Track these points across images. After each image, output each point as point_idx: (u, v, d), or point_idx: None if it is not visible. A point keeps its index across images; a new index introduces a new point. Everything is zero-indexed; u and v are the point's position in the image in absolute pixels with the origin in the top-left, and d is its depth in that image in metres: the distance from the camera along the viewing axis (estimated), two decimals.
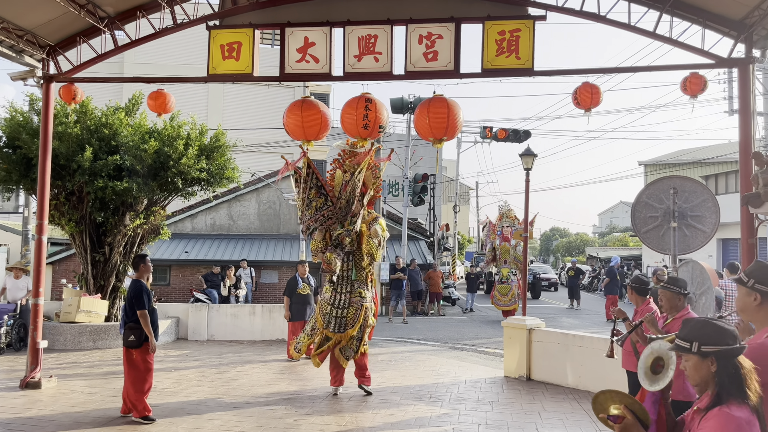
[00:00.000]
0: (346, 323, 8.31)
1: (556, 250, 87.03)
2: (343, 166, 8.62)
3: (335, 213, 8.40)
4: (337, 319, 8.32)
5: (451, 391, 9.14)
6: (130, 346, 7.11)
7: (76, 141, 12.15)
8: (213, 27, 8.74)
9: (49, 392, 8.65)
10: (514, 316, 17.69)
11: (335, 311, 8.34)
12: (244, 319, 14.21)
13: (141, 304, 7.10)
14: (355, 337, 8.41)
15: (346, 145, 8.70)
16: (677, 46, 8.01)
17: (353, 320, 8.31)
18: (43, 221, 9.17)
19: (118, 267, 13.47)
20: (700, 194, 8.77)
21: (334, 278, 8.45)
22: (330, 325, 8.33)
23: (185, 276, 21.76)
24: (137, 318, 7.10)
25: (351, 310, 8.34)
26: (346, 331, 8.31)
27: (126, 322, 7.20)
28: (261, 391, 8.88)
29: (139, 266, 7.37)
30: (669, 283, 5.10)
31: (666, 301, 5.08)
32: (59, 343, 12.41)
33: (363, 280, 8.54)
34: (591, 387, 9.09)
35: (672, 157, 34.52)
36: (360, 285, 8.49)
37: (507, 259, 19.59)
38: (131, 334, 7.11)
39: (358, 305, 8.37)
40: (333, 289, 8.45)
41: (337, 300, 8.38)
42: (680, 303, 5.05)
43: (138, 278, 7.32)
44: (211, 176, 13.47)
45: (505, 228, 19.78)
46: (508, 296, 19.20)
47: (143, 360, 7.15)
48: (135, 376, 7.14)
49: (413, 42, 8.29)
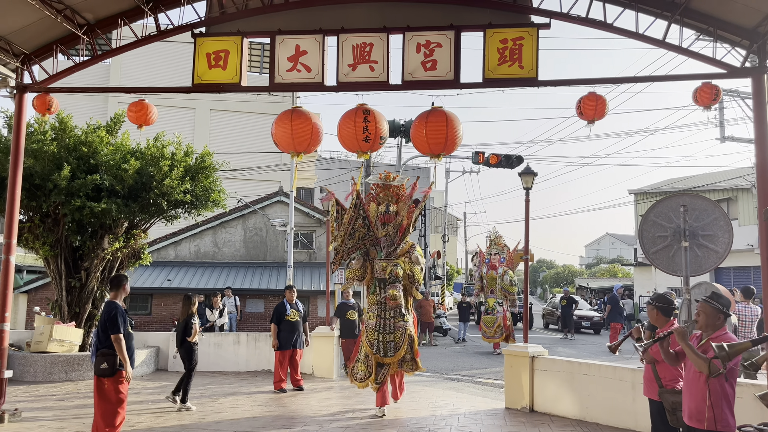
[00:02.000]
0: (395, 346, 8.77)
1: (544, 281, 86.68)
2: (377, 199, 9.15)
3: (376, 242, 9.01)
4: (386, 344, 8.76)
5: (450, 424, 8.50)
6: (103, 374, 6.40)
7: (53, 159, 11.53)
8: (199, 35, 8.28)
9: (12, 427, 7.90)
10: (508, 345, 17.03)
11: (382, 337, 8.78)
12: (227, 348, 13.48)
13: (115, 328, 6.38)
14: (406, 358, 8.91)
15: (379, 179, 9.27)
16: (687, 55, 7.66)
17: (400, 342, 8.76)
18: (11, 240, 8.52)
19: (95, 293, 12.74)
20: (711, 212, 8.34)
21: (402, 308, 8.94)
22: (380, 351, 8.75)
23: (167, 305, 20.96)
24: (111, 343, 6.42)
25: (397, 333, 8.79)
26: (396, 354, 8.75)
27: (98, 347, 6.50)
28: (246, 425, 8.18)
29: (120, 286, 6.70)
30: (712, 298, 4.55)
31: (705, 317, 4.53)
32: (29, 375, 11.60)
33: (404, 305, 8.95)
34: (599, 419, 8.50)
35: (662, 185, 34.43)
36: (402, 310, 8.92)
37: (493, 288, 18.30)
38: (104, 361, 6.40)
39: (403, 329, 8.82)
40: (377, 315, 8.86)
41: (382, 326, 8.81)
42: (719, 322, 4.51)
43: (113, 299, 6.66)
44: (196, 199, 12.88)
45: (493, 256, 18.69)
46: (494, 328, 17.87)
47: (115, 390, 6.45)
48: (105, 409, 6.43)
49: (411, 50, 7.86)
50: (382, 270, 8.85)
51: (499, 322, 17.73)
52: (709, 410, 4.31)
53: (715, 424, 4.31)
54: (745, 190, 27.41)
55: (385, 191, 9.11)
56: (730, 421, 4.35)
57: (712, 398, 4.29)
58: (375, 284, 9.01)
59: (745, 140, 23.46)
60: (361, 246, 8.89)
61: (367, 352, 8.84)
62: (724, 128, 22.74)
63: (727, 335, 4.47)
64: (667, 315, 5.36)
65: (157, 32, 8.53)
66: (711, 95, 7.50)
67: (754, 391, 6.72)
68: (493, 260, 18.51)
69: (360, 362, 8.99)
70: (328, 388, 11.38)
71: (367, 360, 8.87)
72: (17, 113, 8.74)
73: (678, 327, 4.59)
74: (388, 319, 8.80)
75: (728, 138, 22.94)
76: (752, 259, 26.18)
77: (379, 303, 8.88)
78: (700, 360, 4.27)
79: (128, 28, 8.53)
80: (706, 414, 4.32)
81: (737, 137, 23.15)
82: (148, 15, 8.44)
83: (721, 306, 4.49)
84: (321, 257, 23.36)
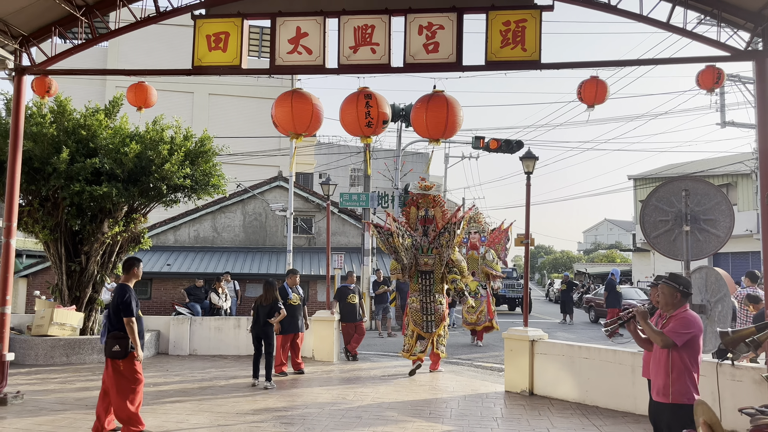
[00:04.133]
0: (434, 324, 10.93)
1: (542, 267, 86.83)
2: (417, 203, 11.31)
3: (419, 242, 11.07)
4: (428, 323, 10.92)
5: (451, 407, 8.54)
6: (115, 356, 6.44)
7: (52, 142, 11.46)
8: (199, 16, 8.18)
9: (15, 409, 7.93)
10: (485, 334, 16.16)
11: (425, 317, 10.94)
12: (228, 332, 13.51)
13: (129, 311, 6.45)
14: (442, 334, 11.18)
15: (419, 188, 11.44)
16: (691, 37, 7.60)
17: (438, 321, 10.95)
18: (11, 223, 8.50)
19: (95, 277, 12.72)
20: (713, 197, 8.32)
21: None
22: (424, 328, 10.92)
23: (167, 289, 20.99)
24: (122, 326, 6.45)
25: (436, 315, 10.94)
26: (435, 330, 10.94)
27: (109, 330, 6.54)
28: (247, 408, 8.22)
29: (131, 269, 6.74)
30: (670, 279, 4.80)
31: (663, 296, 4.79)
32: (30, 358, 11.63)
33: (440, 291, 11.12)
34: (598, 402, 8.55)
35: (662, 170, 34.38)
36: (439, 295, 11.09)
37: (475, 270, 16.21)
38: (116, 344, 6.44)
39: (440, 311, 11.01)
40: (420, 300, 11.00)
41: (425, 308, 10.97)
42: (677, 300, 4.74)
43: (125, 282, 6.68)
44: (196, 183, 12.83)
45: (473, 234, 16.58)
46: (476, 314, 16.06)
47: (132, 370, 6.51)
48: (126, 388, 6.47)
49: (413, 33, 7.79)
50: (424, 264, 10.95)
51: (483, 307, 16.08)
52: (673, 384, 4.60)
53: (679, 397, 4.58)
54: (745, 175, 27.39)
55: (424, 198, 11.24)
56: (694, 394, 4.58)
57: (674, 372, 4.60)
58: (417, 275, 11.05)
59: (746, 125, 23.41)
60: (413, 250, 11.02)
61: (413, 329, 10.99)
62: (725, 113, 22.69)
63: (687, 312, 4.70)
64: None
65: (156, 14, 8.44)
66: (713, 78, 7.46)
67: (754, 374, 6.76)
68: (473, 239, 16.62)
69: (407, 337, 11.13)
70: (328, 372, 11.43)
71: (412, 334, 11.00)
72: (16, 95, 8.67)
73: (639, 308, 4.89)
74: (429, 303, 10.97)
75: (729, 123, 22.91)
76: (751, 245, 26.26)
77: (421, 290, 11.01)
78: (656, 334, 4.65)
79: (127, 9, 8.43)
80: (670, 388, 4.61)
81: (738, 122, 23.10)
82: None
83: (677, 285, 4.73)
84: (320, 242, 23.37)
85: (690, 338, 4.59)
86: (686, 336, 4.58)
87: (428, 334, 10.89)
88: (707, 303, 8.02)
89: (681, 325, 4.61)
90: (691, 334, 4.58)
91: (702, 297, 8.10)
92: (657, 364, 4.78)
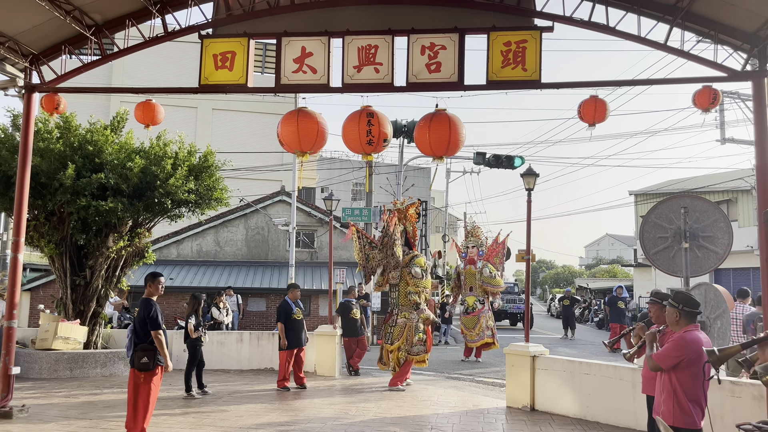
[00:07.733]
0: (392, 337, 11.10)
1: (544, 281, 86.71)
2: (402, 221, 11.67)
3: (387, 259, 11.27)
4: (388, 334, 11.23)
5: (453, 422, 8.59)
6: (144, 369, 6.53)
7: (59, 158, 11.62)
8: (206, 36, 8.37)
9: (20, 422, 7.99)
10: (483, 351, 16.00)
11: (388, 328, 11.27)
12: (230, 346, 13.58)
13: (156, 324, 6.61)
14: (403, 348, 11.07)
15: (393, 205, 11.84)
16: (688, 58, 7.74)
17: (399, 335, 11.03)
18: (19, 238, 8.63)
19: (100, 291, 12.82)
20: (711, 214, 8.44)
21: None
22: (385, 338, 11.27)
23: (169, 304, 21.04)
24: (150, 339, 6.57)
25: (396, 328, 11.11)
26: (394, 343, 11.03)
27: (137, 343, 6.65)
28: (250, 422, 8.27)
29: (155, 282, 6.89)
30: (672, 298, 4.80)
31: (667, 316, 4.85)
32: (34, 372, 11.70)
33: (408, 305, 11.18)
34: (599, 417, 8.59)
35: (663, 186, 34.49)
36: (406, 309, 11.17)
37: (473, 285, 15.91)
38: (144, 356, 6.55)
39: (402, 324, 11.08)
40: (389, 312, 11.49)
41: (390, 320, 11.32)
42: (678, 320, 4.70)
43: (148, 296, 6.81)
44: (200, 197, 12.97)
45: (471, 249, 16.32)
46: (476, 329, 15.66)
47: (150, 385, 6.60)
48: (144, 401, 6.56)
49: (415, 53, 7.96)
50: (392, 277, 11.26)
51: (481, 324, 15.71)
52: (664, 404, 4.66)
53: (667, 416, 4.60)
54: (745, 191, 27.49)
55: (400, 213, 11.61)
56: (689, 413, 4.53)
57: (664, 393, 4.68)
58: (390, 288, 11.44)
59: (745, 142, 23.52)
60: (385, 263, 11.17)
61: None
62: (725, 130, 22.81)
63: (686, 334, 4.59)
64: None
65: (164, 33, 8.62)
66: (709, 99, 7.59)
67: (753, 390, 6.83)
68: (471, 254, 16.28)
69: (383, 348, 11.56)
70: (330, 387, 11.48)
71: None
72: (26, 113, 8.82)
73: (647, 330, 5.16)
74: (393, 315, 11.29)
75: (728, 140, 23.01)
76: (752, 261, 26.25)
77: (390, 302, 11.50)
78: (647, 357, 4.83)
79: (136, 28, 8.61)
80: (662, 407, 4.69)
81: (737, 139, 23.21)
82: (156, 16, 8.53)
83: (677, 304, 4.69)
84: (323, 256, 23.45)
85: (679, 362, 4.51)
86: (674, 360, 4.52)
87: (388, 345, 11.19)
88: (707, 319, 8.09)
89: (672, 348, 4.57)
90: (679, 357, 4.50)
91: (702, 313, 8.19)
92: (658, 382, 4.82)
